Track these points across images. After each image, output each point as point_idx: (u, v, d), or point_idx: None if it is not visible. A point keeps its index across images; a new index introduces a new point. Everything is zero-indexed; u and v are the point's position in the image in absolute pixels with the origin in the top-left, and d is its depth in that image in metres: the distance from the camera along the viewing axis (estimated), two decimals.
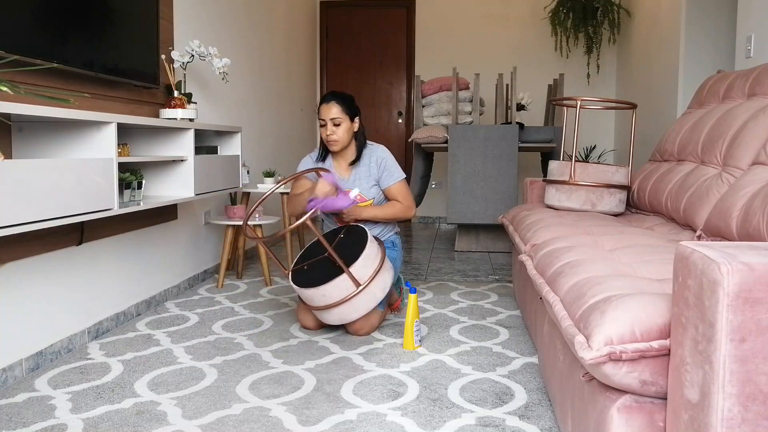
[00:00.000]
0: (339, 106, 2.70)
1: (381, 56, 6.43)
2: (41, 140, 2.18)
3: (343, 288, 2.40)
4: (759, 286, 0.93)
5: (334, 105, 2.70)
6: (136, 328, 2.69)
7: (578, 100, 2.83)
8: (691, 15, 4.10)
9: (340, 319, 2.49)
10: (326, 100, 2.73)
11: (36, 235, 2.19)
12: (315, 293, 2.42)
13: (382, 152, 2.81)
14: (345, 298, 2.41)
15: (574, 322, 1.36)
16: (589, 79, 6.12)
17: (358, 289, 2.40)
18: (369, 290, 2.44)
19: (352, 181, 2.80)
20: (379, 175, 2.79)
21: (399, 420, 1.81)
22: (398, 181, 2.78)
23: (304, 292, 2.45)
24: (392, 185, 2.78)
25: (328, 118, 2.70)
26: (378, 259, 2.50)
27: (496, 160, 4.49)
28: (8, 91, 1.51)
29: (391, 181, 2.78)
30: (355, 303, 2.44)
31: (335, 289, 2.40)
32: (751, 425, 0.94)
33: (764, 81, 2.35)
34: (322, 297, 2.42)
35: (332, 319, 2.50)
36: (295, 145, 5.57)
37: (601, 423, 1.25)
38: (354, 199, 2.65)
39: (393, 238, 2.91)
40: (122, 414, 1.85)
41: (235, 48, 4.05)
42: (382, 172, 2.78)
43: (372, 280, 2.44)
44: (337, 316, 2.47)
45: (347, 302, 2.42)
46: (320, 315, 2.52)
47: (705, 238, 2.10)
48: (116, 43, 2.53)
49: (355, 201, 2.67)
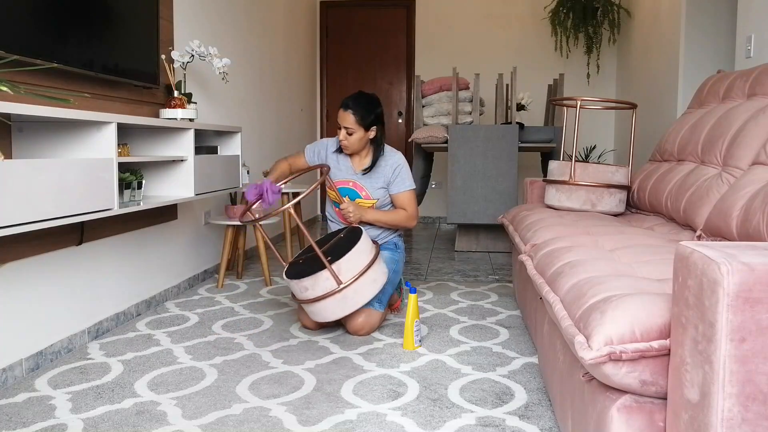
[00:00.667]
0: (354, 116, 2.71)
1: (381, 56, 6.43)
2: (41, 140, 2.18)
3: (326, 283, 2.39)
4: (759, 286, 0.93)
5: (350, 115, 2.71)
6: (136, 328, 2.69)
7: (578, 100, 2.83)
8: (691, 15, 4.10)
9: (324, 316, 2.46)
10: (344, 106, 2.73)
11: (36, 235, 2.19)
12: (296, 285, 2.43)
13: (399, 159, 2.84)
14: (326, 293, 2.38)
15: (574, 322, 1.36)
16: (589, 79, 6.12)
17: (339, 287, 2.38)
18: (353, 288, 2.41)
19: (358, 176, 2.83)
20: (391, 180, 2.81)
21: (399, 420, 1.81)
22: (408, 190, 2.81)
23: (290, 283, 2.46)
24: (401, 192, 2.81)
25: (342, 126, 2.73)
26: (369, 257, 2.47)
27: (496, 160, 4.49)
28: (8, 91, 1.51)
29: (401, 188, 2.81)
30: (340, 300, 2.41)
31: (317, 283, 2.38)
32: (751, 425, 0.94)
33: (764, 81, 2.35)
34: (304, 290, 2.42)
35: (317, 316, 2.48)
36: (295, 145, 5.57)
37: (601, 423, 1.25)
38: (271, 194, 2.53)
39: (395, 239, 2.91)
40: (122, 414, 1.85)
41: (235, 48, 4.05)
42: (395, 178, 2.80)
43: (357, 279, 2.40)
44: (321, 312, 2.45)
45: (330, 298, 2.40)
46: (306, 309, 2.51)
47: (705, 238, 2.10)
48: (116, 43, 2.53)
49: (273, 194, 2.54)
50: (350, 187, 2.84)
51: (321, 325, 2.64)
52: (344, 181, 2.84)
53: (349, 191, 2.83)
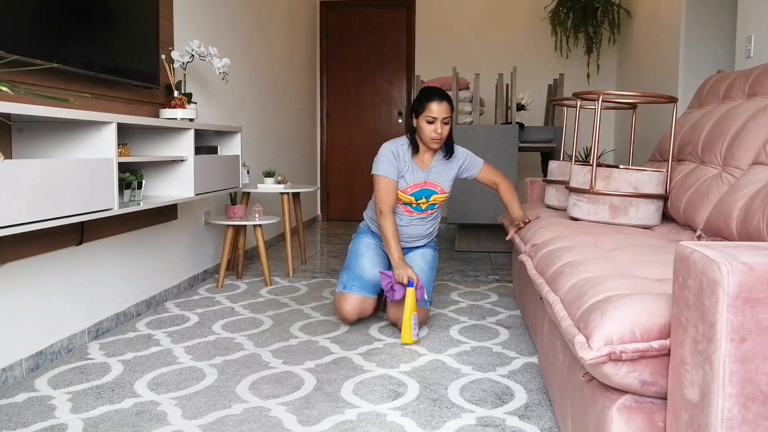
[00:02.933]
0: (449, 105, 2.67)
1: (381, 56, 6.43)
2: (41, 140, 2.18)
3: None
4: (759, 286, 0.93)
5: (447, 105, 2.65)
6: (136, 328, 2.69)
7: (578, 100, 2.83)
8: (691, 15, 4.10)
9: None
10: (439, 98, 2.65)
11: (36, 235, 2.19)
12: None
13: (459, 150, 2.85)
14: None
15: (574, 322, 1.36)
16: (589, 79, 6.12)
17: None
18: None
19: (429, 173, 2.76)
20: (463, 169, 2.86)
21: (399, 420, 1.81)
22: (484, 165, 2.90)
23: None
24: (482, 170, 2.89)
25: (440, 117, 2.63)
26: None
27: (496, 160, 4.48)
28: (8, 91, 1.51)
29: (478, 168, 2.88)
30: None
31: None
32: (751, 425, 0.94)
33: (764, 81, 2.35)
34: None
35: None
36: (295, 145, 5.57)
37: (601, 423, 1.25)
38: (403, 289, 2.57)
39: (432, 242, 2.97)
40: (122, 414, 1.85)
41: (235, 48, 4.05)
42: (467, 165, 2.85)
43: None
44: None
45: None
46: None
47: (705, 238, 2.10)
48: (116, 43, 2.53)
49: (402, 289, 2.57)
50: (423, 186, 2.74)
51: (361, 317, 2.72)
52: (416, 184, 2.73)
53: (423, 192, 2.74)
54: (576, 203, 2.55)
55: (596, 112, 2.54)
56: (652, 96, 2.52)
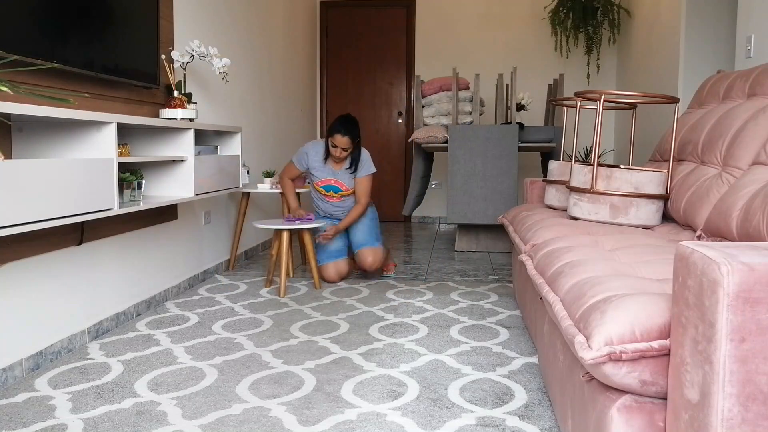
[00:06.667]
0: (349, 138, 3.43)
1: (381, 56, 6.43)
2: (41, 140, 2.18)
3: None
4: (759, 286, 0.93)
5: (348, 139, 3.43)
6: (136, 328, 2.69)
7: (578, 100, 2.83)
8: (691, 15, 4.10)
9: None
10: (343, 132, 3.41)
11: (36, 235, 2.19)
12: None
13: (363, 153, 3.61)
14: None
15: (574, 322, 1.36)
16: (589, 79, 6.12)
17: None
18: None
19: (337, 174, 3.57)
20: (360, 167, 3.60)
21: (399, 420, 1.81)
22: (367, 174, 3.59)
23: None
24: (362, 177, 3.58)
25: (340, 146, 3.44)
26: None
27: (496, 160, 4.49)
28: (8, 91, 1.51)
29: (362, 173, 3.58)
30: None
31: None
32: (751, 425, 0.94)
33: (764, 81, 2.35)
34: None
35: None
36: (295, 146, 5.56)
37: (601, 423, 1.25)
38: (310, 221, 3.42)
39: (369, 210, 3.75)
40: (122, 414, 1.85)
41: (235, 48, 4.05)
42: (360, 167, 3.58)
43: None
44: None
45: None
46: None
47: (705, 238, 2.10)
48: (116, 43, 2.53)
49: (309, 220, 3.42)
50: (332, 183, 3.57)
51: (341, 277, 3.59)
52: (327, 179, 3.57)
53: (332, 187, 3.58)
54: (576, 202, 2.55)
55: (598, 112, 2.54)
56: (655, 96, 2.51)
